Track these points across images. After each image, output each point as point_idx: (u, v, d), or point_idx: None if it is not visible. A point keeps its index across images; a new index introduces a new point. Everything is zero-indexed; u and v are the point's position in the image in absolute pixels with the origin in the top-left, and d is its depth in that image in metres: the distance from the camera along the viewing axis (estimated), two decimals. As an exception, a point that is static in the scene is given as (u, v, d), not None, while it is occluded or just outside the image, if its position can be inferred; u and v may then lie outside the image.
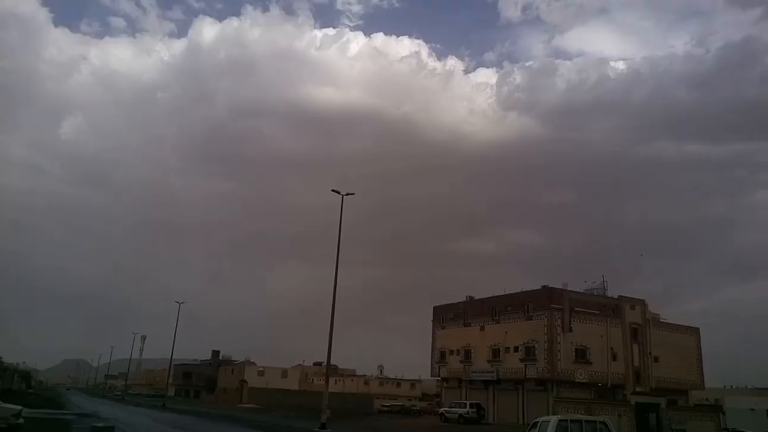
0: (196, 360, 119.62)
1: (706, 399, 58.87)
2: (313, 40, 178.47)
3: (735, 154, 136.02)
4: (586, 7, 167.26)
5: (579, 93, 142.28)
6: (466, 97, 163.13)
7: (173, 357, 74.03)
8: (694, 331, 57.94)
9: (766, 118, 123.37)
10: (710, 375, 59.27)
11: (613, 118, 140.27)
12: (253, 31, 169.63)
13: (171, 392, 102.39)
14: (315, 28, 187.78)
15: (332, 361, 37.59)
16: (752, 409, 51.49)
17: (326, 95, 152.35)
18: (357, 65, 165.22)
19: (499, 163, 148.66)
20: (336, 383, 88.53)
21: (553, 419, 16.78)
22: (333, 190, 36.41)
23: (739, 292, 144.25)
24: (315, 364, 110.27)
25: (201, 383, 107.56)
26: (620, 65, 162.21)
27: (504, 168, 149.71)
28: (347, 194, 36.40)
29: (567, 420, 16.89)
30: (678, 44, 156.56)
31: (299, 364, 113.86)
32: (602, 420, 16.81)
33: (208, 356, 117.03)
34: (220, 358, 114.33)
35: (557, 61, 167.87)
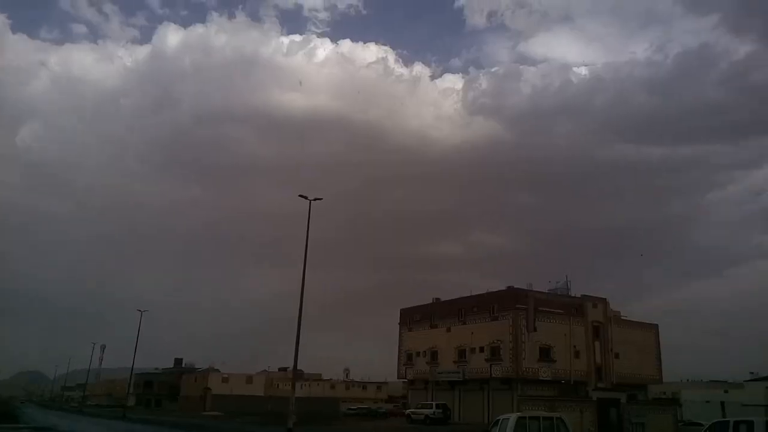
0: (157, 369, 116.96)
1: (664, 393, 60.59)
2: (280, 46, 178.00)
3: (692, 157, 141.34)
4: (550, 14, 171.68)
5: (543, 98, 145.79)
6: (432, 102, 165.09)
7: (135, 366, 72.22)
8: (653, 328, 59.59)
9: (719, 122, 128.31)
10: (668, 369, 61.14)
11: (576, 123, 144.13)
12: (218, 37, 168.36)
13: (131, 402, 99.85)
14: (282, 34, 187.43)
15: (298, 366, 37.28)
16: (707, 402, 53.19)
17: (293, 101, 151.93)
18: (324, 71, 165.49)
19: (466, 167, 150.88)
20: (302, 388, 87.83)
21: (513, 416, 17.19)
22: (300, 196, 36.10)
23: (696, 289, 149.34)
24: (280, 369, 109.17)
25: (163, 392, 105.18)
26: (583, 71, 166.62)
27: (470, 172, 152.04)
28: (315, 199, 36.09)
29: (526, 417, 17.40)
30: (638, 50, 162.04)
31: (264, 370, 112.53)
32: (558, 416, 17.38)
33: (171, 365, 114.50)
34: (183, 365, 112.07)
35: (522, 66, 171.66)
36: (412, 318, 65.21)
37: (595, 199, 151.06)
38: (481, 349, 53.78)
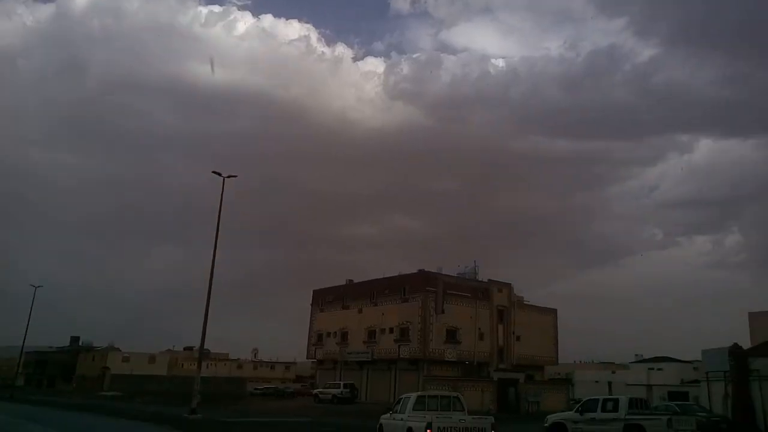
0: (51, 347, 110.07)
1: (559, 373, 64.47)
2: (198, 16, 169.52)
3: (597, 151, 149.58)
4: (471, 4, 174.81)
5: (462, 87, 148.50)
6: (354, 84, 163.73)
7: (26, 345, 67.55)
8: (552, 312, 62.92)
9: (622, 120, 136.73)
10: (564, 351, 65.07)
11: (493, 113, 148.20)
12: (131, 1, 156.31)
13: (21, 381, 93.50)
14: (200, 4, 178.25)
15: (205, 345, 36.40)
16: (596, 381, 57.33)
17: (210, 73, 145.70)
18: (244, 45, 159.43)
19: (386, 150, 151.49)
20: (208, 367, 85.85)
21: (413, 395, 17.76)
22: (214, 172, 34.85)
23: (593, 277, 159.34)
24: (186, 348, 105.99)
25: (56, 371, 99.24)
26: (500, 63, 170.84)
27: (389, 155, 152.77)
28: (229, 176, 34.94)
29: (425, 395, 18.05)
30: (553, 46, 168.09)
31: (169, 349, 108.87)
32: (455, 395, 18.19)
33: (67, 343, 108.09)
34: (80, 344, 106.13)
35: (443, 54, 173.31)
36: (324, 299, 65.27)
37: (507, 188, 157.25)
38: (391, 330, 54.77)
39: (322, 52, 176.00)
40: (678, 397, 47.36)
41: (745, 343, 37.01)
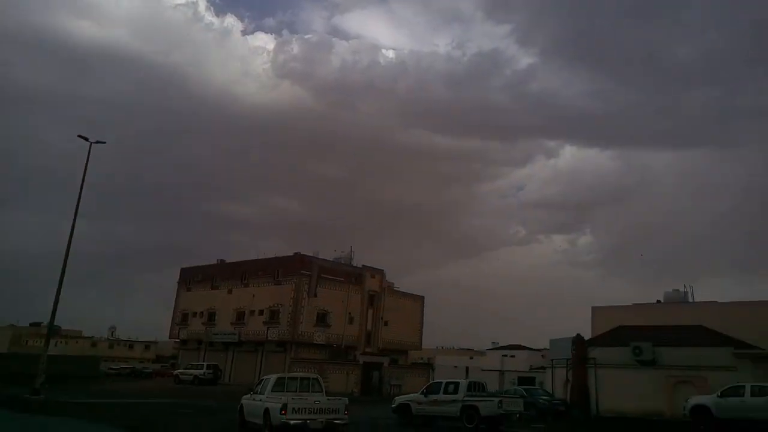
0: None
1: (422, 358, 67.32)
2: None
3: (474, 150, 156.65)
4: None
5: (352, 73, 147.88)
6: (241, 58, 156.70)
7: None
8: (420, 299, 65.35)
9: (498, 122, 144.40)
10: (429, 337, 68.11)
11: (381, 103, 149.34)
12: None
13: None
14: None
15: (58, 322, 33.59)
16: (455, 367, 60.64)
17: (83, 29, 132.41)
18: (124, 3, 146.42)
19: (270, 129, 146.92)
20: (57, 345, 79.41)
21: (274, 377, 17.89)
22: (80, 136, 31.96)
23: (459, 268, 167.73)
24: (32, 324, 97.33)
25: None
26: (390, 54, 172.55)
27: (274, 135, 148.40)
28: (97, 142, 32.25)
29: (285, 377, 18.23)
30: (441, 44, 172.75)
31: (12, 324, 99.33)
32: (315, 377, 18.55)
33: None
34: None
35: (335, 39, 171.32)
36: (193, 278, 62.97)
37: (388, 178, 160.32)
38: (261, 312, 54.13)
39: (210, 21, 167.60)
40: (526, 382, 51.32)
41: (588, 334, 41.10)
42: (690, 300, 52.22)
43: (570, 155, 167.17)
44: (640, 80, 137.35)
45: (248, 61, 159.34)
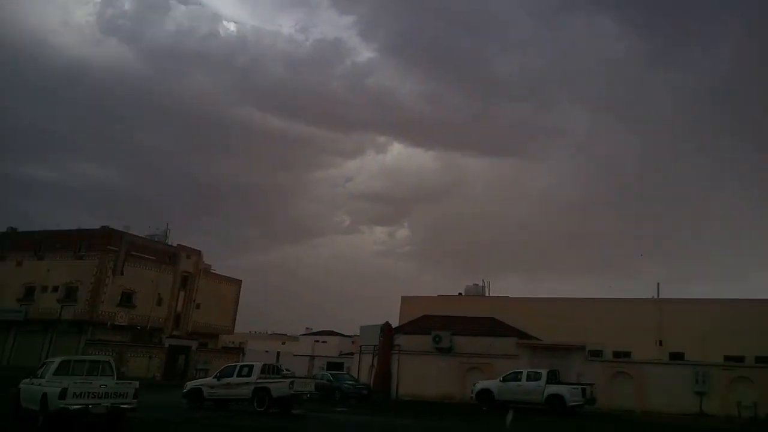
0: None
1: (233, 342, 66.05)
2: None
3: (307, 136, 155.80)
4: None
5: (187, 40, 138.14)
6: (61, 5, 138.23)
7: None
8: (237, 283, 64.08)
9: (334, 112, 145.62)
10: (244, 321, 67.16)
11: (215, 76, 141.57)
12: None
13: None
14: None
15: None
16: (267, 351, 60.68)
17: None
18: None
19: (88, 87, 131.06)
20: None
21: (58, 359, 16.53)
22: None
23: (284, 252, 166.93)
24: None
25: None
26: (232, 27, 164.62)
27: (92, 95, 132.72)
28: None
29: (71, 360, 16.94)
30: (285, 25, 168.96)
31: None
32: (106, 360, 17.54)
33: None
34: None
35: (172, 1, 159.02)
36: (-27, 246, 54.86)
37: (215, 155, 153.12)
38: (55, 289, 49.02)
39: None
40: (335, 367, 53.24)
41: (396, 322, 43.74)
42: (486, 294, 58.30)
43: (397, 152, 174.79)
44: (464, 88, 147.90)
45: (70, 11, 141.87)
